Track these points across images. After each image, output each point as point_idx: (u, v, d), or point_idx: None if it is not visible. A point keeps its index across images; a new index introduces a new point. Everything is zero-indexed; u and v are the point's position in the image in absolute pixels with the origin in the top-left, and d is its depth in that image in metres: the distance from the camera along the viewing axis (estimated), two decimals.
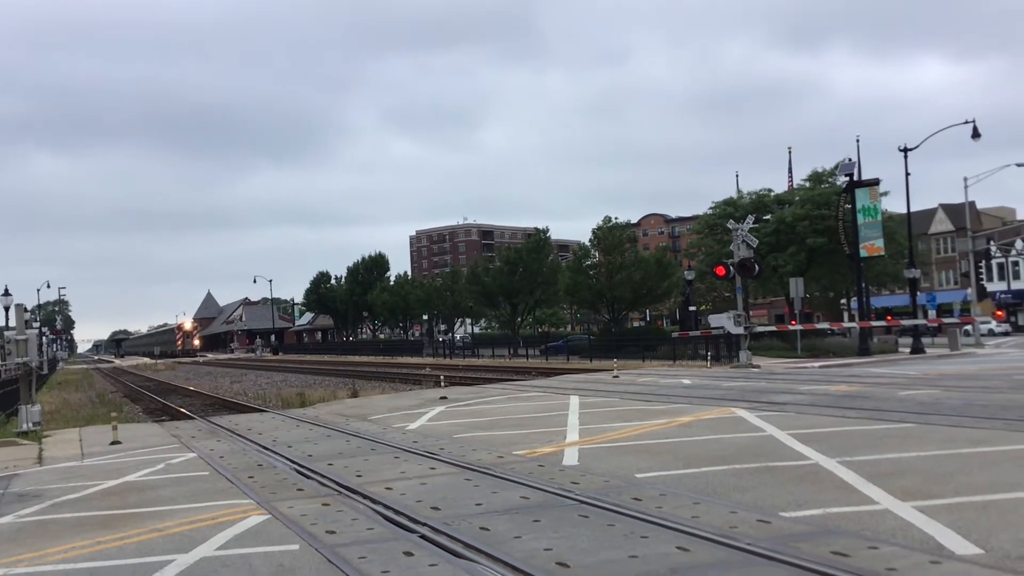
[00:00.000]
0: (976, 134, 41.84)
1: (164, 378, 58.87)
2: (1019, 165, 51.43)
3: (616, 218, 56.30)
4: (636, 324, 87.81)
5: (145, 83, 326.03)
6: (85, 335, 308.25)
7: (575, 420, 16.40)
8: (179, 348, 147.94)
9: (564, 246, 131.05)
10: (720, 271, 35.13)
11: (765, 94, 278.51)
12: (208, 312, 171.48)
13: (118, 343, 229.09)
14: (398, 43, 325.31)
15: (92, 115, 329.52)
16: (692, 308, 52.64)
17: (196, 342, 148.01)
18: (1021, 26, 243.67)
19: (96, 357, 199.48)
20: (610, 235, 54.63)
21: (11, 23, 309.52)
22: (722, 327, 34.01)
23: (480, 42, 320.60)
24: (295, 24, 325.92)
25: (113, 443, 16.92)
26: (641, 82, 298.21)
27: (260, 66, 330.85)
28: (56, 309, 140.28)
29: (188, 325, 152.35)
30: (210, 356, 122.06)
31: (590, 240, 56.97)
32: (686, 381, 25.51)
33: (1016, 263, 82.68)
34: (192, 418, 24.07)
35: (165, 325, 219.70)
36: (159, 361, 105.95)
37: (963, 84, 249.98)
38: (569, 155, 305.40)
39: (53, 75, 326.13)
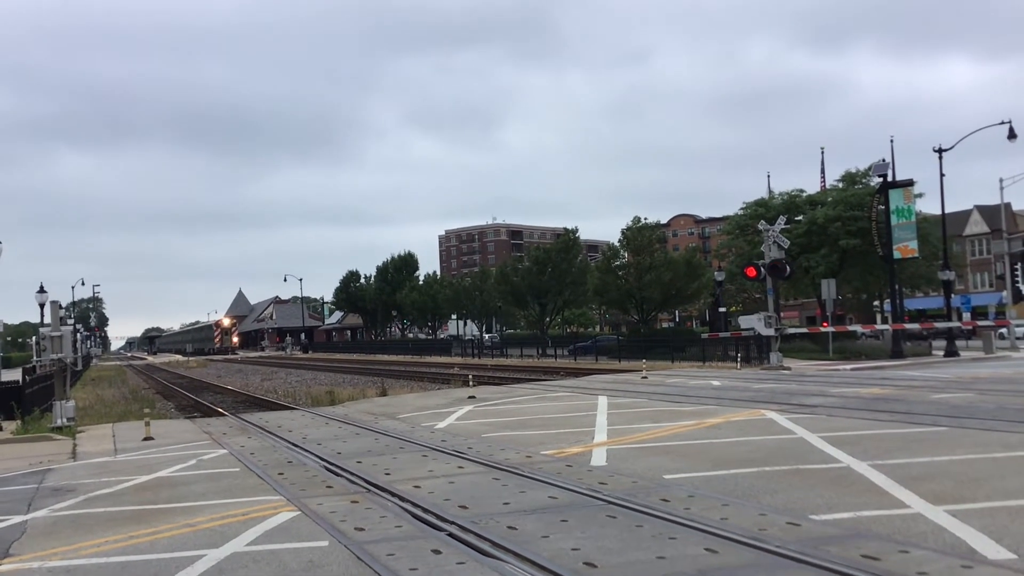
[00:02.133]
0: (1012, 135, 41.26)
1: (196, 375, 59.44)
2: None
3: (645, 218, 56.13)
4: (665, 325, 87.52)
5: (169, 83, 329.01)
6: (118, 332, 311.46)
7: (603, 420, 16.37)
8: (217, 345, 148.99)
9: (593, 246, 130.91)
10: (751, 272, 34.90)
11: (789, 95, 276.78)
12: (240, 310, 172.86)
13: (151, 340, 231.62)
14: (418, 43, 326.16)
15: (120, 115, 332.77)
16: (722, 309, 52.29)
17: (235, 339, 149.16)
18: None
19: (129, 354, 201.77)
20: (640, 235, 54.45)
21: (34, 23, 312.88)
22: (752, 328, 33.80)
23: (499, 42, 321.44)
24: (315, 24, 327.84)
25: (146, 439, 17.11)
26: (663, 82, 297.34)
27: (281, 66, 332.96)
28: (90, 306, 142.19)
29: (227, 322, 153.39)
30: (241, 354, 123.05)
31: (619, 240, 56.80)
32: (715, 383, 25.38)
33: None
34: (223, 415, 24.30)
35: (197, 322, 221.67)
36: (191, 358, 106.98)
37: (992, 84, 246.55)
38: (592, 155, 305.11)
39: (79, 76, 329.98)
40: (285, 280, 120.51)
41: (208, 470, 12.67)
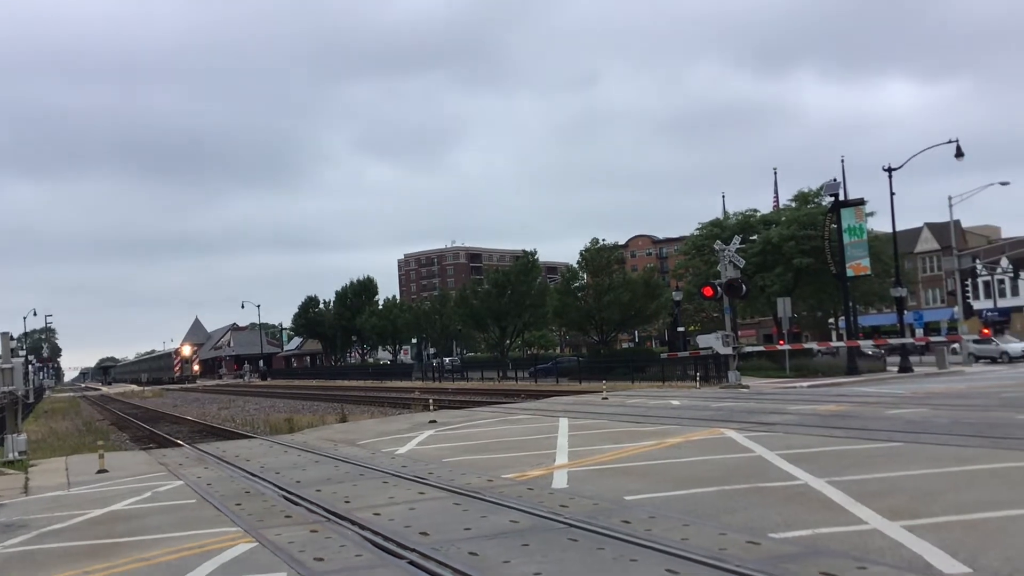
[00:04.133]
0: (960, 153, 42.22)
1: (152, 405, 58.51)
2: (1003, 184, 51.90)
3: (604, 240, 56.46)
4: (625, 345, 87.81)
5: (118, 110, 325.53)
6: (72, 363, 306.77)
7: (564, 442, 16.37)
8: (177, 373, 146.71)
9: (552, 268, 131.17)
10: (708, 292, 35.20)
11: (737, 116, 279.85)
12: (196, 338, 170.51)
13: (105, 370, 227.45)
14: (366, 68, 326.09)
15: (69, 143, 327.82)
16: (680, 329, 52.72)
17: (196, 368, 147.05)
18: (984, 48, 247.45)
19: (83, 384, 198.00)
20: (598, 257, 54.74)
21: None
22: (710, 348, 34.09)
23: (447, 67, 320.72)
24: (263, 50, 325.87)
25: (100, 472, 16.80)
26: (612, 105, 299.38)
27: (230, 92, 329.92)
28: (43, 337, 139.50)
29: (187, 350, 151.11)
30: (198, 383, 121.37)
31: (578, 262, 57.05)
32: (675, 402, 25.51)
33: (1002, 281, 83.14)
34: (180, 445, 23.92)
35: (153, 351, 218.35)
36: (147, 388, 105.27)
37: (933, 105, 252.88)
38: (547, 178, 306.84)
39: (26, 103, 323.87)
40: (243, 307, 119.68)
41: (164, 502, 12.46)
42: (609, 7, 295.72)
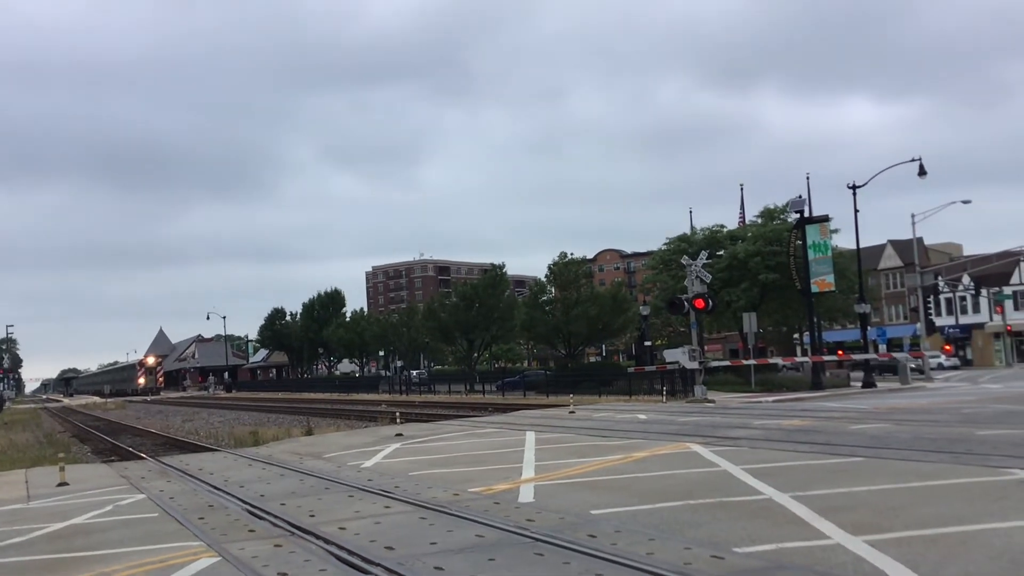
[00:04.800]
0: (923, 171, 42.93)
1: (114, 417, 57.69)
2: (964, 202, 52.81)
3: (572, 254, 56.76)
4: (593, 359, 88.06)
5: (79, 119, 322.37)
6: (33, 374, 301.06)
7: (531, 456, 16.37)
8: (141, 386, 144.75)
9: (520, 281, 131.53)
10: (675, 307, 35.40)
11: (703, 133, 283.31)
12: (160, 349, 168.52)
13: (67, 382, 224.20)
14: (330, 80, 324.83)
15: (30, 151, 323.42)
16: (648, 343, 52.86)
17: (160, 379, 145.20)
18: (942, 67, 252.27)
19: (45, 396, 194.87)
20: (566, 271, 54.95)
21: None
22: (677, 362, 34.26)
23: (413, 80, 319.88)
24: (227, 60, 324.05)
25: (60, 485, 16.55)
26: (579, 120, 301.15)
27: (194, 102, 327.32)
28: (3, 348, 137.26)
29: (151, 361, 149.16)
30: (162, 395, 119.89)
31: (546, 276, 57.21)
32: (642, 416, 25.60)
33: (963, 298, 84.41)
34: (142, 458, 23.60)
35: (116, 363, 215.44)
36: (109, 400, 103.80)
37: (893, 124, 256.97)
38: (515, 191, 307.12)
39: None
40: (208, 318, 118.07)
41: (125, 516, 12.29)
42: (576, 23, 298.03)
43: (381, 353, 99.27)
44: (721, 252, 47.52)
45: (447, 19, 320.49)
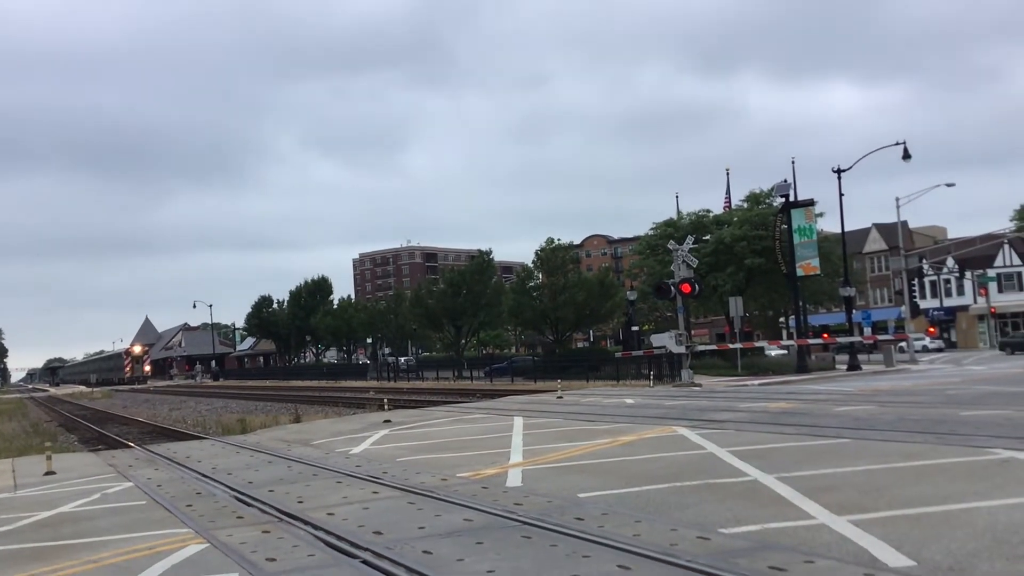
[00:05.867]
0: (907, 155, 43.07)
1: (101, 406, 57.53)
2: (948, 185, 53.01)
3: (559, 239, 56.71)
4: (580, 345, 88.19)
5: (62, 108, 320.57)
6: (19, 364, 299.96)
7: (519, 441, 16.42)
8: (128, 375, 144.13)
9: (507, 268, 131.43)
10: (662, 291, 35.49)
11: (687, 118, 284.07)
12: (147, 339, 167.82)
13: (53, 371, 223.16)
14: (311, 68, 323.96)
15: (12, 140, 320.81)
16: (635, 328, 53.09)
17: (147, 368, 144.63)
18: (926, 51, 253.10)
19: (30, 386, 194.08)
20: (553, 256, 54.96)
21: None
22: (664, 347, 34.41)
23: (395, 67, 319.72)
24: (208, 49, 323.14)
25: (47, 473, 16.51)
26: (562, 106, 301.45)
27: (175, 91, 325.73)
28: None
29: (137, 349, 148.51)
30: (149, 383, 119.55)
31: (533, 261, 57.22)
32: (629, 401, 25.70)
33: (947, 281, 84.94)
34: (129, 447, 23.56)
35: (102, 352, 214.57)
36: (96, 389, 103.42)
37: (876, 108, 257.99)
38: (500, 177, 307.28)
39: None
40: (195, 306, 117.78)
41: (113, 504, 12.28)
42: (557, 9, 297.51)
43: (369, 340, 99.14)
44: (707, 237, 47.63)
45: (428, 5, 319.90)
